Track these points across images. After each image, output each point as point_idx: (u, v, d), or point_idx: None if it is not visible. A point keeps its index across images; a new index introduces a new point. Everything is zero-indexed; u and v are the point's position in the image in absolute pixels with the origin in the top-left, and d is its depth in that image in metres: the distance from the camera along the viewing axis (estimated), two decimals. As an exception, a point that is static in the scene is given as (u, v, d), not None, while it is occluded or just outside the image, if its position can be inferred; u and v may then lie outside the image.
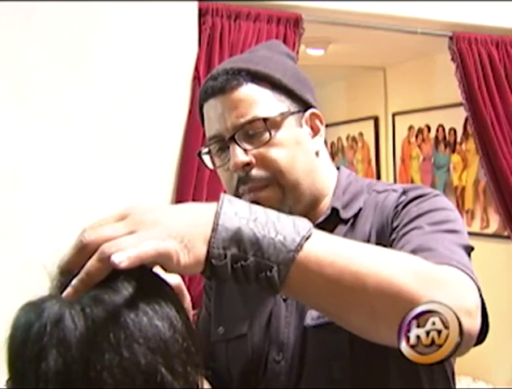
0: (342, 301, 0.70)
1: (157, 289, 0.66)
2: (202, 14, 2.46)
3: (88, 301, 0.61)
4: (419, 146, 4.05)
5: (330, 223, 1.02)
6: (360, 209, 1.03)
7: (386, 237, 0.96)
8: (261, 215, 0.68)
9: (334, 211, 1.04)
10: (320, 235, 0.71)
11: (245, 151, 1.00)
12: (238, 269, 0.66)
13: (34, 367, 0.60)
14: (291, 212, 0.97)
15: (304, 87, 1.07)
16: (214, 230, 0.65)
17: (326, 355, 0.96)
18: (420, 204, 0.96)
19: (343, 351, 0.95)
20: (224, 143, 1.02)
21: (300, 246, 0.67)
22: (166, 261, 0.63)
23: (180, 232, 0.64)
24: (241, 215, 0.67)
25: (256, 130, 1.00)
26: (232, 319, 1.08)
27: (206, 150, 1.06)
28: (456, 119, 3.65)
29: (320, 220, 1.03)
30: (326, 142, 1.10)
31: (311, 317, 0.98)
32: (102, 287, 0.62)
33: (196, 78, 2.42)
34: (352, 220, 1.03)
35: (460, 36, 2.99)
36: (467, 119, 3.22)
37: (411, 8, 2.83)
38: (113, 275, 0.61)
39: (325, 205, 1.06)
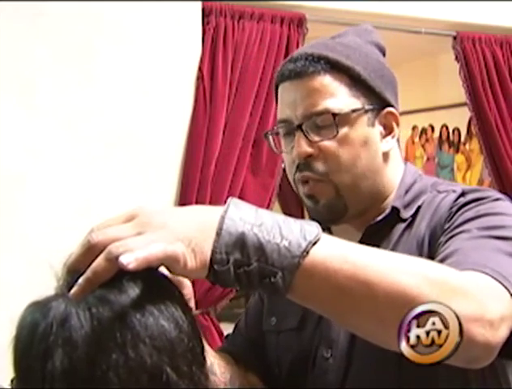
0: (349, 308, 0.69)
1: (163, 289, 0.66)
2: (205, 14, 2.46)
3: (94, 300, 0.61)
4: (423, 146, 4.05)
5: (389, 221, 1.00)
6: (419, 208, 1.01)
7: (437, 237, 0.93)
8: (267, 220, 0.67)
9: (395, 210, 1.01)
10: (329, 240, 0.69)
11: (311, 141, 0.98)
12: (241, 274, 0.64)
13: (40, 367, 0.60)
14: (346, 209, 0.98)
15: (385, 83, 1.02)
16: (217, 235, 0.64)
17: (374, 356, 0.90)
18: (476, 207, 0.92)
19: (392, 355, 0.91)
20: (291, 128, 1.01)
21: (305, 252, 0.65)
22: (173, 264, 0.63)
23: (187, 236, 0.63)
24: (246, 220, 0.66)
25: (324, 123, 0.98)
26: (284, 311, 1.06)
27: (274, 131, 1.06)
28: (460, 119, 3.64)
29: (379, 218, 1.01)
30: (398, 141, 1.07)
31: None
32: (108, 287, 0.62)
33: (200, 78, 2.42)
34: (410, 219, 1.00)
35: (464, 36, 2.98)
36: (470, 119, 3.22)
37: (415, 8, 2.83)
38: (118, 275, 0.61)
39: (387, 203, 1.03)
